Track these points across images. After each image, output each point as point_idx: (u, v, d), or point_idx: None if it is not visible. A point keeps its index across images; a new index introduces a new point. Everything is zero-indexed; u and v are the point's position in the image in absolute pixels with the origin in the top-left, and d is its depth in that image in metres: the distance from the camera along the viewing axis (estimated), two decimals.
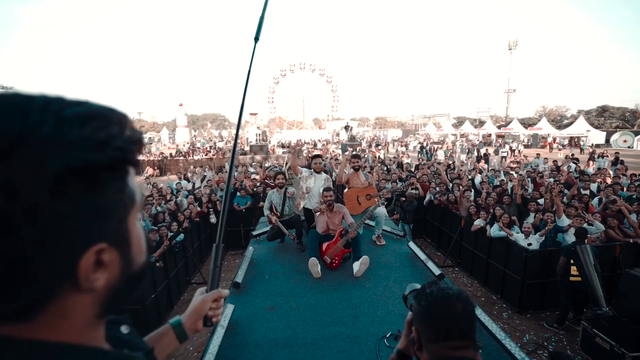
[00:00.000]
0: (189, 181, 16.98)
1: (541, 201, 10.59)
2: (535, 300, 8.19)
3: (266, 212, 7.51)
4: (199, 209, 11.89)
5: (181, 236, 9.72)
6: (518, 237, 8.46)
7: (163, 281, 8.68)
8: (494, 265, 9.12)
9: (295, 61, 71.76)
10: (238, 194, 12.94)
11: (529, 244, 8.22)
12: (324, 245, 6.16)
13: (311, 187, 7.54)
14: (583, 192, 11.48)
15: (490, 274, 9.34)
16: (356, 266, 5.77)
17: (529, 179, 13.52)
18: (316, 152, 22.78)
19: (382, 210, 7.49)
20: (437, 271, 5.46)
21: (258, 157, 30.47)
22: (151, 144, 58.89)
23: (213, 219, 12.14)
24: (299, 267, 6.16)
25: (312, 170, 7.66)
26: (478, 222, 9.70)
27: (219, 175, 16.12)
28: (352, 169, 7.83)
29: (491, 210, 9.76)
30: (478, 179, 14.42)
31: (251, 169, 19.39)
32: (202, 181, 16.86)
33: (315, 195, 7.49)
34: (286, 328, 4.34)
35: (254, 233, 7.89)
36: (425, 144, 40.18)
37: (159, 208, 11.30)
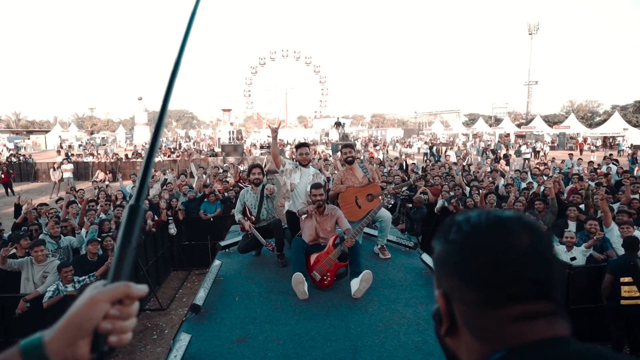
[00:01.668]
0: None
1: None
2: (581, 330, 7.74)
3: (238, 216, 7.19)
4: (156, 217, 11.37)
5: None
6: (558, 250, 8.02)
7: None
8: None
9: (277, 47, 71.86)
10: (206, 199, 12.48)
11: (573, 259, 7.84)
12: (313, 258, 5.88)
13: (296, 184, 7.18)
14: (631, 196, 11.10)
15: None
16: (355, 284, 5.45)
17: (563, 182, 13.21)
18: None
19: (387, 214, 7.05)
20: None
21: (231, 159, 30.34)
22: (105, 144, 58.50)
23: (173, 230, 11.87)
24: (280, 286, 5.91)
25: (298, 162, 7.25)
26: None
27: (182, 179, 15.63)
28: (344, 163, 7.35)
29: None
30: (501, 182, 14.04)
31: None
32: (162, 186, 16.39)
33: (301, 195, 7.16)
34: None
35: (222, 244, 7.64)
36: (431, 145, 40.02)
37: (103, 215, 10.78)
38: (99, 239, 8.73)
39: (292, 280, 5.44)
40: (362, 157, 23.92)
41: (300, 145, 7.42)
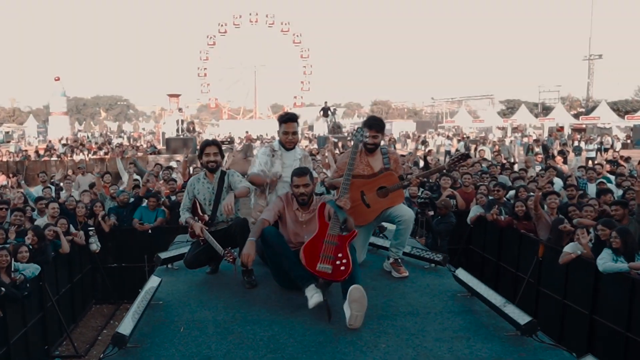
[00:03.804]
0: (57, 186, 16.30)
1: None
2: None
3: (184, 215, 6.86)
4: (72, 229, 11.16)
5: (34, 270, 9.30)
6: None
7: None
8: (605, 326, 8.53)
9: (243, 10, 72.00)
10: (144, 204, 12.60)
11: None
12: (306, 249, 5.47)
13: (278, 175, 6.89)
14: None
15: (598, 340, 8.77)
16: (347, 310, 5.08)
17: None
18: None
19: (408, 212, 6.69)
20: (523, 318, 4.81)
21: (179, 157, 30.23)
22: (9, 141, 58.39)
23: (95, 246, 11.86)
24: (246, 312, 5.67)
25: (279, 144, 7.05)
26: (570, 249, 9.16)
27: (107, 178, 15.24)
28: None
29: (590, 231, 9.16)
30: (558, 182, 13.81)
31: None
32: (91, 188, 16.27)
33: (287, 187, 6.81)
34: None
35: (163, 256, 7.32)
36: (459, 139, 40.21)
37: None
38: None
39: (307, 294, 5.22)
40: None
41: (287, 120, 6.97)
